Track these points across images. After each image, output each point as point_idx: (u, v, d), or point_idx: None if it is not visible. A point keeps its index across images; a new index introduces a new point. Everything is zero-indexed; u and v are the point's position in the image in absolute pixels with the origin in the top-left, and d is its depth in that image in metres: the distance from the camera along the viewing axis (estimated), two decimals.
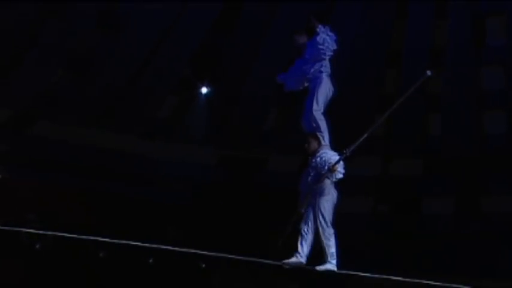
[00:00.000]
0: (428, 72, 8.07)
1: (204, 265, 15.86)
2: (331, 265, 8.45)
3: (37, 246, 9.13)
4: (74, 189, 18.05)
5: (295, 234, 8.51)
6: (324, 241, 8.44)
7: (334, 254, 8.46)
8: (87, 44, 19.19)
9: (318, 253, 8.62)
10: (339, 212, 21.29)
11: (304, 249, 8.45)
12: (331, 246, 8.46)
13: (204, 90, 19.71)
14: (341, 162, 8.47)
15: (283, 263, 8.43)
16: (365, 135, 8.25)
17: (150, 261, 15.01)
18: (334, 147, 8.72)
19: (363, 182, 19.94)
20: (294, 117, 8.45)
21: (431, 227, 19.61)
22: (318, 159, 8.51)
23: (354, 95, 20.14)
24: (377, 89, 20.34)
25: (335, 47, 8.79)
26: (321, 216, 8.49)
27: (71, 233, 8.80)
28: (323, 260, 8.44)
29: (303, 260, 8.43)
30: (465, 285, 8.88)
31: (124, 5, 18.93)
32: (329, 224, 8.51)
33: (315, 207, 8.53)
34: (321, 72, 8.76)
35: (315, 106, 8.65)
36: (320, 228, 8.45)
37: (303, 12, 19.60)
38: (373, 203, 20.31)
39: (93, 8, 18.76)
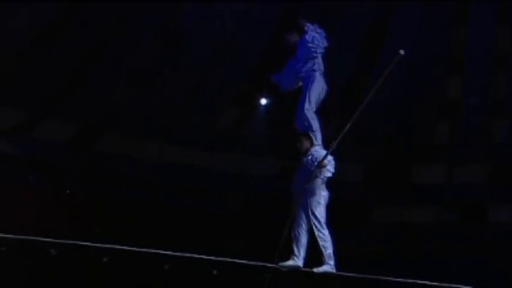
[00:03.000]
0: (402, 52, 7.86)
1: (268, 276, 15.82)
2: (329, 266, 8.34)
3: (104, 259, 9.30)
4: (137, 202, 18.31)
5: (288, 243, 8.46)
6: (320, 242, 8.34)
7: (332, 255, 8.33)
8: (148, 59, 19.50)
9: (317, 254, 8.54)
10: (404, 221, 21.02)
11: (300, 251, 8.37)
12: (327, 248, 8.35)
13: (263, 101, 19.76)
14: (332, 162, 8.37)
15: (280, 265, 8.35)
16: (348, 126, 8.10)
17: (215, 272, 15.08)
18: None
19: (427, 191, 19.67)
20: (355, 129, 8.37)
21: (498, 235, 19.19)
22: (309, 157, 8.43)
23: (417, 102, 19.91)
24: (440, 96, 20.07)
25: (326, 44, 8.76)
26: (314, 219, 8.38)
27: (135, 247, 8.92)
28: (321, 262, 8.33)
29: (300, 263, 8.35)
30: None
31: (184, 20, 19.18)
32: (323, 225, 8.40)
33: (306, 209, 8.43)
34: (314, 70, 8.73)
35: (306, 105, 8.59)
36: (315, 231, 8.35)
37: (363, 19, 19.53)
38: (438, 211, 20.01)
39: (154, 24, 19.06)
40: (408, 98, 19.90)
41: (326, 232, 8.37)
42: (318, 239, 8.30)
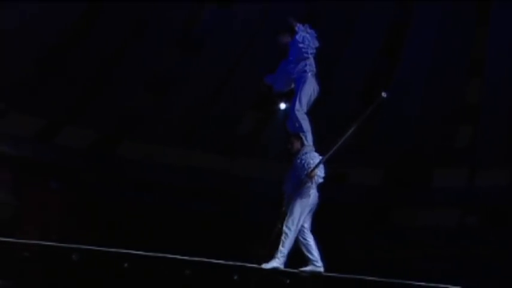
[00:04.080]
0: (384, 95, 7.98)
1: (288, 281, 15.79)
2: (277, 262, 8.37)
3: (125, 265, 9.33)
4: (158, 207, 18.37)
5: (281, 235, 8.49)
6: (282, 237, 8.41)
7: (284, 252, 8.35)
8: (167, 65, 19.57)
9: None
10: (425, 225, 20.75)
11: (314, 254, 8.38)
12: (285, 245, 8.38)
13: (283, 105, 19.74)
14: (321, 166, 8.34)
15: (300, 270, 8.39)
16: (343, 139, 8.10)
17: (235, 278, 15.05)
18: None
19: (449, 194, 19.53)
20: (375, 132, 8.34)
21: None
22: (298, 161, 8.44)
23: (437, 104, 19.79)
24: (461, 99, 19.94)
25: (317, 44, 8.70)
26: (290, 215, 8.45)
27: (156, 252, 8.95)
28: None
29: (321, 267, 8.38)
30: None
31: (202, 25, 19.24)
32: (295, 224, 8.41)
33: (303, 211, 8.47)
34: (305, 71, 8.68)
35: (297, 106, 8.57)
36: (284, 225, 8.41)
37: (382, 19, 19.48)
38: (460, 214, 19.85)
39: (173, 29, 19.15)
40: (429, 99, 19.79)
41: (293, 232, 8.37)
42: (283, 234, 8.35)
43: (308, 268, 8.39)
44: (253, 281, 8.78)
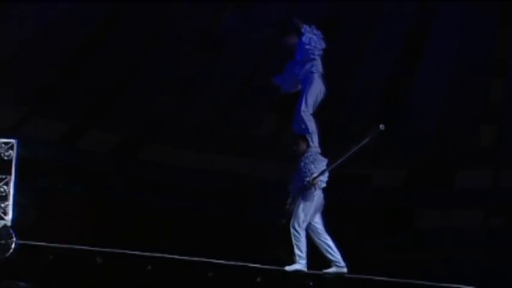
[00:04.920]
0: (381, 127, 7.96)
1: (311, 283, 15.76)
2: (299, 265, 8.38)
3: (148, 267, 9.41)
4: (181, 210, 18.44)
5: (285, 233, 8.53)
6: (293, 241, 8.42)
7: (301, 255, 8.37)
8: (188, 67, 19.65)
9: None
10: (448, 226, 20.61)
11: (335, 255, 8.38)
12: (299, 247, 8.40)
13: None
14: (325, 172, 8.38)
15: (324, 272, 8.42)
16: (349, 153, 8.11)
17: (258, 280, 15.08)
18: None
19: (472, 195, 19.41)
20: (398, 133, 8.31)
21: None
22: (302, 164, 8.46)
23: (460, 105, 19.70)
24: (484, 98, 19.81)
25: (324, 46, 8.73)
26: (295, 217, 8.46)
27: (179, 254, 9.00)
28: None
29: (344, 268, 8.38)
30: None
31: (223, 28, 19.30)
32: (301, 226, 8.44)
33: (314, 211, 8.52)
34: (312, 72, 8.70)
35: (303, 107, 8.62)
36: (291, 228, 8.44)
37: (404, 19, 19.43)
38: (484, 216, 19.71)
39: (194, 33, 19.22)
40: (452, 100, 19.69)
41: (301, 232, 8.40)
42: (292, 237, 8.38)
43: (332, 270, 8.40)
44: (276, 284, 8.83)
